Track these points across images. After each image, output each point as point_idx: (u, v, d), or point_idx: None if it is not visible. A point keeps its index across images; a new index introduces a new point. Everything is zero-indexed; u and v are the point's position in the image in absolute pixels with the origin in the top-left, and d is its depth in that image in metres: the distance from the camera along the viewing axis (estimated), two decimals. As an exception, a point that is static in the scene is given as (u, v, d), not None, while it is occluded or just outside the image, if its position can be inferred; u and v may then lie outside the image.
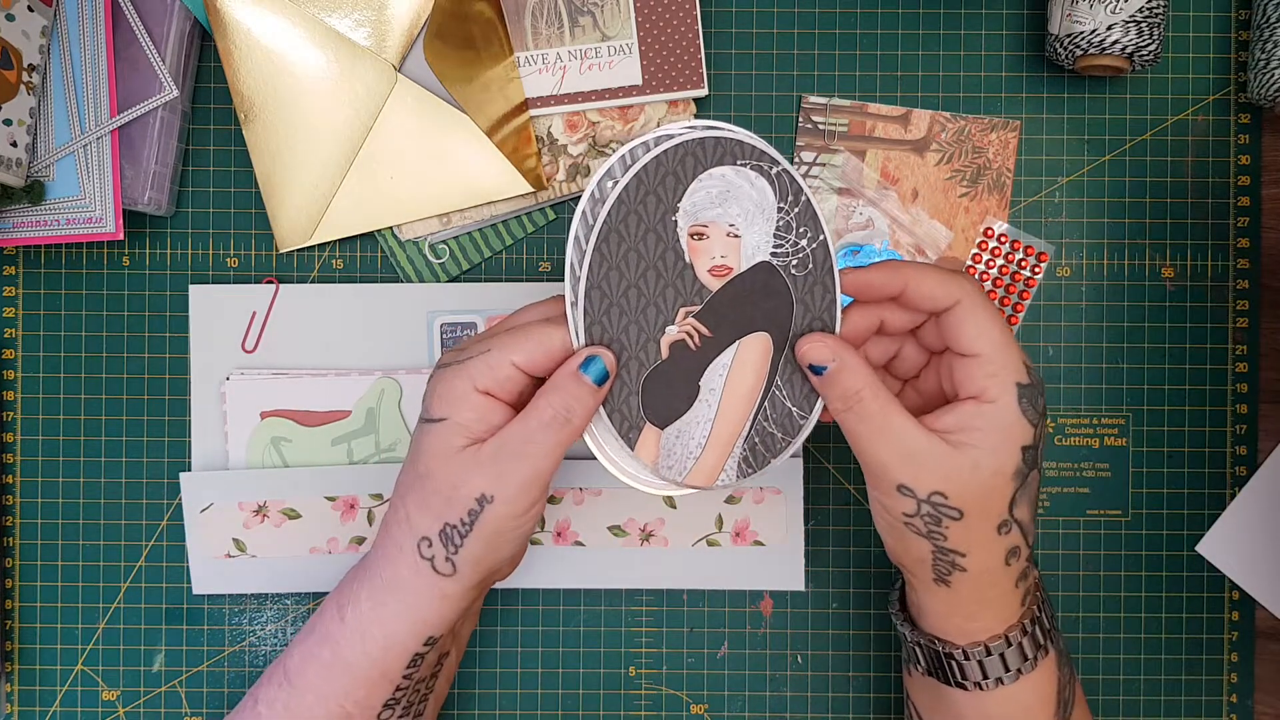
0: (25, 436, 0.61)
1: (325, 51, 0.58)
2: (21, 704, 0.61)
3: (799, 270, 0.46)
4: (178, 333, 0.61)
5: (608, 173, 0.45)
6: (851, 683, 0.61)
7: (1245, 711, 0.60)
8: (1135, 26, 0.55)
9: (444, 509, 0.46)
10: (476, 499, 0.45)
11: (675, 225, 0.45)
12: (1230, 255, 0.60)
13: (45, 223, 0.57)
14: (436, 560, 0.47)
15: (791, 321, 0.46)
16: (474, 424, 0.46)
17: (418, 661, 0.48)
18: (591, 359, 0.45)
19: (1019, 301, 0.60)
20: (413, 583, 0.47)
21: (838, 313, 0.47)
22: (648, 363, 0.46)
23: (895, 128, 0.60)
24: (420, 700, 0.51)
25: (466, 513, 0.46)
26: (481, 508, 0.45)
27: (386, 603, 0.48)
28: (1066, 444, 0.61)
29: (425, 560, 0.47)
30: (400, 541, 0.47)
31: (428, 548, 0.47)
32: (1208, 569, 0.60)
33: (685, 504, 0.59)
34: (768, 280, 0.46)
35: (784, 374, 0.47)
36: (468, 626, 0.56)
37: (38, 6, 0.55)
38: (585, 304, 0.45)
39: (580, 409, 0.45)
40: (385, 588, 0.48)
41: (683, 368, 0.46)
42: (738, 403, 0.46)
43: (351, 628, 0.48)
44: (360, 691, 0.48)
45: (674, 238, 0.45)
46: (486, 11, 0.58)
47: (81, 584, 0.61)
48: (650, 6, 0.58)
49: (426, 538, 0.47)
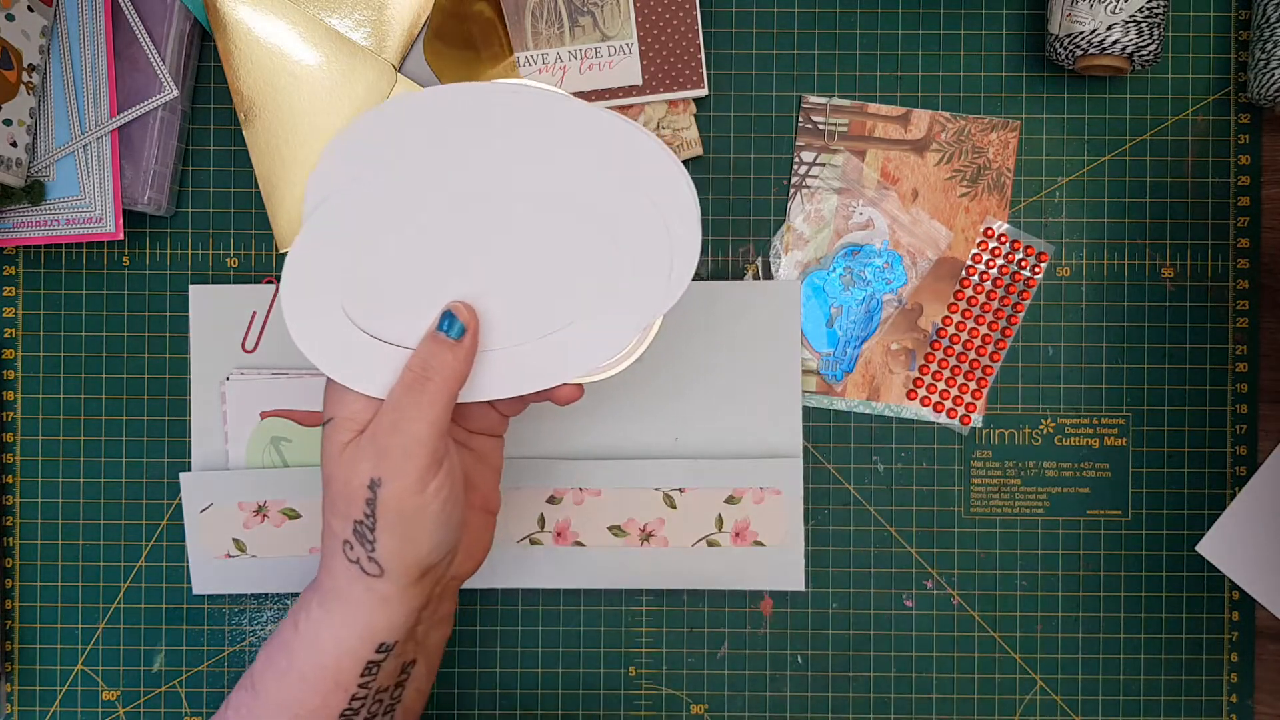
0: (25, 436, 0.61)
1: (325, 51, 0.58)
2: (21, 704, 0.61)
3: None
4: (178, 333, 0.61)
5: None
6: (851, 683, 0.61)
7: (1245, 712, 0.60)
8: (1135, 26, 0.55)
9: (347, 507, 0.45)
10: (368, 486, 0.44)
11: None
12: (1230, 255, 0.60)
13: (45, 223, 0.57)
14: (361, 561, 0.46)
15: None
16: (358, 414, 0.46)
17: (373, 670, 0.47)
18: (448, 316, 0.45)
19: (1019, 301, 0.60)
20: (350, 589, 0.46)
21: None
22: None
23: (895, 128, 0.60)
24: (384, 712, 0.50)
25: (365, 503, 0.45)
26: (375, 494, 0.44)
27: (333, 611, 0.47)
28: (1066, 444, 0.61)
29: (353, 564, 0.46)
30: (331, 550, 0.47)
31: (350, 550, 0.46)
32: (1208, 569, 0.60)
33: (685, 504, 0.59)
34: None
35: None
36: (436, 634, 0.52)
37: (38, 6, 0.55)
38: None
39: (439, 365, 0.45)
40: (330, 596, 0.47)
41: None
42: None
43: (304, 636, 0.47)
44: (314, 701, 0.47)
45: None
46: (486, 11, 0.58)
47: (81, 584, 0.61)
48: (650, 6, 0.58)
49: (346, 540, 0.46)
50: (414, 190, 0.46)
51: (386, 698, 0.49)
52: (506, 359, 0.47)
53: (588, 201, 0.46)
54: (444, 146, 0.46)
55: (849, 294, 0.60)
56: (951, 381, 0.60)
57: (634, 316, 0.47)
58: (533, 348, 0.47)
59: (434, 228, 0.46)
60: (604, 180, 0.46)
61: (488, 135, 0.46)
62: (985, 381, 0.60)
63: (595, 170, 0.46)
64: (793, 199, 0.60)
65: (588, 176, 0.46)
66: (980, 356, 0.60)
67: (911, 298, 0.60)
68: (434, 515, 0.45)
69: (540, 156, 0.46)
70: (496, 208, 0.46)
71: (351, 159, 0.46)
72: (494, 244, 0.47)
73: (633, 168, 0.46)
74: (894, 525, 0.61)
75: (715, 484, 0.59)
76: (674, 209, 0.46)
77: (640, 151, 0.46)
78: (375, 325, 0.47)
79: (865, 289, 0.60)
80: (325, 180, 0.46)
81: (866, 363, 0.60)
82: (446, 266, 0.47)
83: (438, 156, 0.46)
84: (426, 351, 0.45)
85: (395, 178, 0.46)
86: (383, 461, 0.44)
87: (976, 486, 0.61)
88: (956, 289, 0.60)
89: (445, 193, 0.46)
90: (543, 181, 0.46)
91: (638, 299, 0.47)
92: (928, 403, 0.60)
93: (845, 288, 0.60)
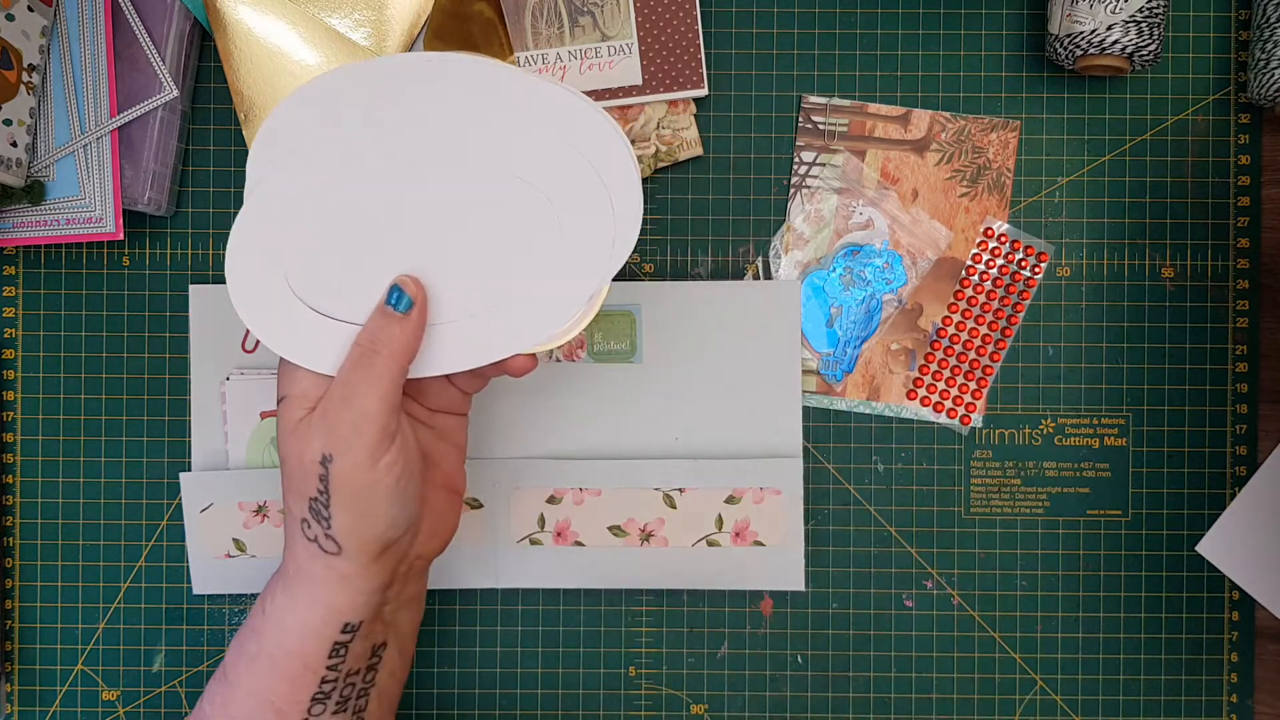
0: (25, 436, 0.61)
1: (325, 51, 0.58)
2: (21, 704, 0.61)
3: None
4: (178, 333, 0.61)
5: None
6: (851, 683, 0.61)
7: (1245, 712, 0.60)
8: (1135, 26, 0.55)
9: (302, 484, 0.45)
10: (319, 462, 0.45)
11: None
12: (1230, 255, 0.60)
13: (45, 223, 0.57)
14: (319, 539, 0.46)
15: None
16: (309, 390, 0.46)
17: (340, 651, 0.47)
18: (395, 290, 0.46)
19: (1019, 301, 0.60)
20: (310, 569, 0.46)
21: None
22: None
23: (895, 128, 0.60)
24: (358, 695, 0.49)
25: (318, 479, 0.45)
26: (327, 470, 0.45)
27: (296, 593, 0.47)
28: (1066, 444, 0.61)
29: (311, 542, 0.46)
30: (292, 531, 0.47)
31: (308, 529, 0.46)
32: (1208, 569, 0.60)
33: (685, 504, 0.59)
34: None
35: None
36: (405, 615, 0.51)
37: (38, 6, 0.55)
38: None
39: (386, 338, 0.45)
40: (293, 579, 0.47)
41: None
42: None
43: (271, 620, 0.47)
44: (284, 686, 0.47)
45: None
46: (486, 11, 0.58)
47: (81, 584, 0.61)
48: (650, 6, 0.58)
49: (304, 519, 0.46)
50: (354, 163, 0.46)
51: (359, 680, 0.49)
52: (456, 332, 0.47)
53: (530, 171, 0.46)
54: (383, 118, 0.46)
55: (849, 294, 0.60)
56: (951, 381, 0.60)
57: (581, 284, 0.47)
58: (482, 320, 0.47)
59: (376, 201, 0.47)
60: (545, 149, 0.46)
61: (428, 107, 0.46)
62: (985, 381, 0.60)
63: (536, 140, 0.46)
64: (793, 199, 0.60)
65: (529, 146, 0.46)
66: (980, 356, 0.60)
67: (911, 298, 0.60)
68: (388, 490, 0.45)
69: (481, 127, 0.46)
70: (439, 180, 0.46)
71: (289, 134, 0.46)
72: (438, 216, 0.47)
73: (572, 136, 0.46)
74: (894, 525, 0.61)
75: (715, 484, 0.59)
76: (616, 177, 0.47)
77: (580, 120, 0.46)
78: (323, 302, 0.47)
79: (865, 289, 0.60)
80: (263, 157, 0.46)
81: (866, 363, 0.60)
82: (391, 240, 0.47)
83: (377, 129, 0.46)
84: (374, 326, 0.45)
85: (335, 152, 0.46)
86: (333, 438, 0.44)
87: (976, 486, 0.61)
88: (956, 289, 0.60)
89: (387, 165, 0.46)
90: (484, 152, 0.46)
91: (583, 266, 0.47)
92: (928, 403, 0.60)
93: (845, 288, 0.60)
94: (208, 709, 0.49)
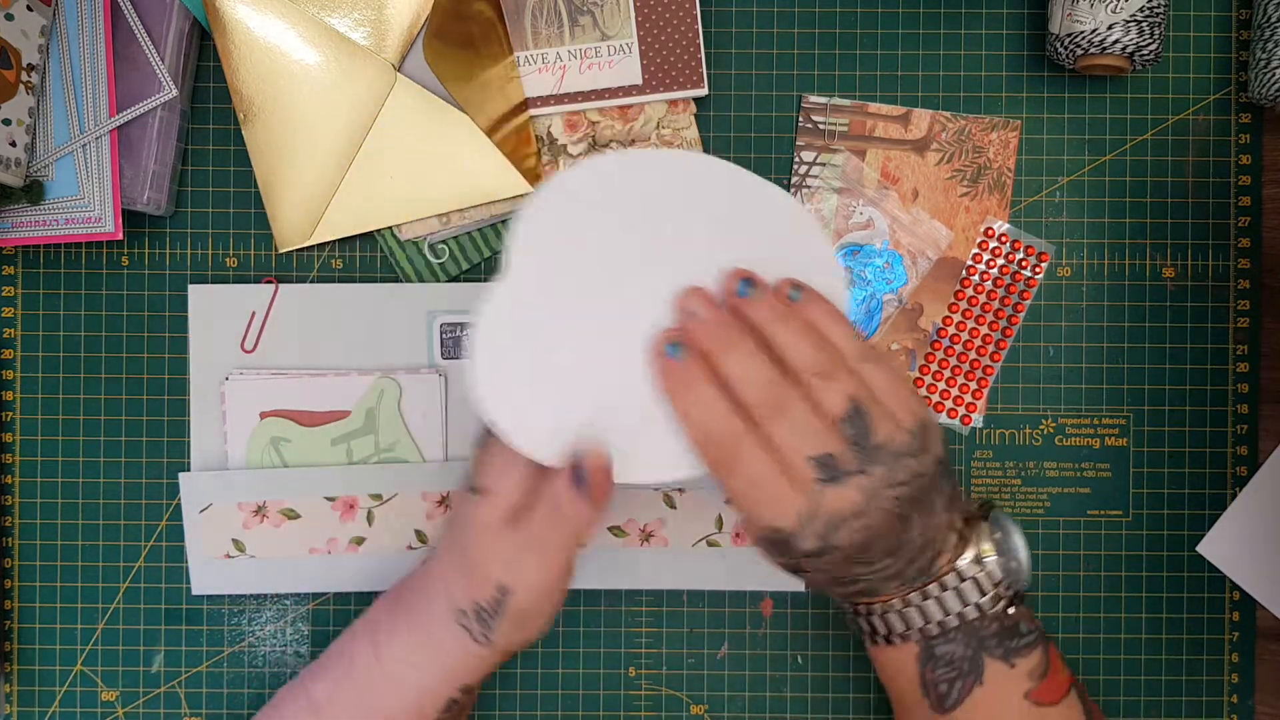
0: (25, 436, 0.61)
1: (325, 51, 0.58)
2: (21, 704, 0.61)
3: None
4: (177, 333, 0.61)
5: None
6: (851, 683, 0.61)
7: (1246, 712, 0.60)
8: (1136, 26, 0.55)
9: (475, 589, 0.48)
10: (497, 588, 0.47)
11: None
12: (1231, 255, 0.60)
13: (44, 223, 0.57)
14: (473, 632, 0.48)
15: None
16: (513, 493, 0.47)
17: (453, 706, 0.50)
18: (578, 471, 0.45)
19: (1019, 301, 0.60)
20: (449, 645, 0.49)
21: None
22: None
23: (895, 127, 0.60)
24: None
25: (491, 598, 0.47)
26: (504, 599, 0.47)
27: (423, 656, 0.49)
28: (1067, 444, 0.61)
29: (463, 629, 0.48)
30: (440, 605, 0.49)
31: (464, 618, 0.48)
32: (1208, 569, 0.60)
33: (685, 504, 0.59)
34: None
35: None
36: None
37: (37, 6, 0.55)
38: None
39: (572, 511, 0.46)
40: (424, 645, 0.49)
41: None
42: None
43: (388, 671, 0.49)
44: None
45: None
46: (486, 11, 0.58)
47: (81, 584, 0.61)
48: (650, 6, 0.58)
49: (463, 610, 0.48)
50: (590, 257, 0.46)
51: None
52: (659, 436, 0.46)
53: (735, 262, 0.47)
54: (633, 220, 0.46)
55: (849, 294, 0.60)
56: (952, 381, 0.60)
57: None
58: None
59: (607, 297, 0.46)
60: (751, 248, 0.47)
61: (680, 210, 0.46)
62: (986, 381, 0.60)
63: (758, 251, 0.47)
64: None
65: (740, 244, 0.47)
66: (980, 356, 0.60)
67: (912, 298, 0.60)
68: (550, 615, 0.49)
69: (705, 223, 0.47)
70: (660, 275, 0.46)
71: (541, 225, 0.46)
72: (657, 311, 0.46)
73: (789, 249, 0.47)
74: (894, 525, 0.61)
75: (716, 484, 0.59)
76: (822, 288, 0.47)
77: (800, 232, 0.47)
78: (551, 393, 0.46)
79: (865, 289, 0.60)
80: (517, 245, 0.46)
81: (867, 363, 0.60)
82: (615, 337, 0.46)
83: (614, 224, 0.47)
84: (564, 497, 0.46)
85: (574, 245, 0.46)
86: (516, 576, 0.47)
87: (977, 486, 0.61)
88: (957, 289, 0.60)
89: (618, 259, 0.47)
90: (701, 249, 0.47)
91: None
92: (928, 402, 0.60)
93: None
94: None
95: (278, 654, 0.61)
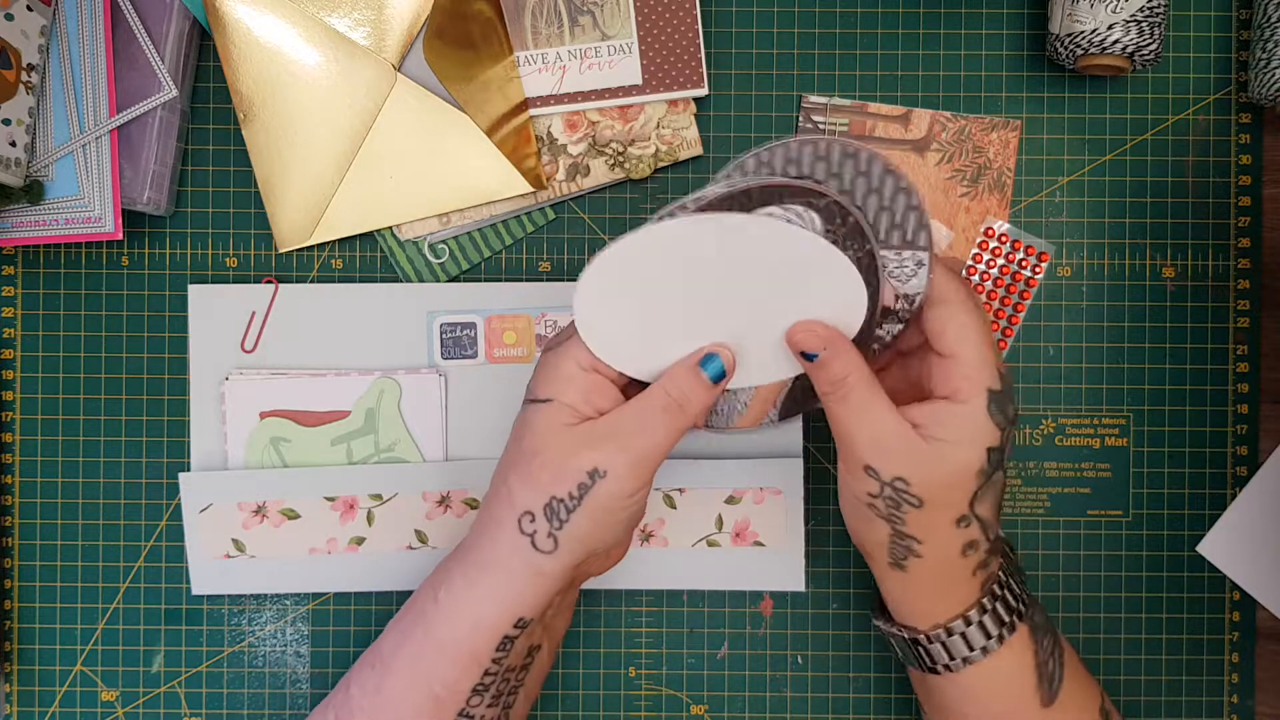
0: (25, 436, 0.61)
1: (325, 51, 0.58)
2: (21, 704, 0.61)
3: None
4: (177, 333, 0.61)
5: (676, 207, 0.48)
6: (851, 683, 0.61)
7: (1246, 712, 0.60)
8: (1136, 26, 0.55)
9: (552, 483, 0.47)
10: (589, 472, 0.46)
11: None
12: (1231, 255, 0.60)
13: (44, 223, 0.57)
14: (538, 536, 0.47)
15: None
16: (580, 403, 0.47)
17: (507, 645, 0.49)
18: (710, 356, 0.48)
19: (1019, 301, 0.60)
20: (509, 561, 0.48)
21: (872, 307, 0.49)
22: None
23: (895, 127, 0.60)
24: (510, 692, 0.51)
25: (576, 486, 0.47)
26: (593, 481, 0.46)
27: (480, 581, 0.48)
28: (1067, 444, 0.61)
29: (526, 536, 0.47)
30: (500, 518, 0.48)
31: (530, 523, 0.47)
32: (1208, 569, 0.60)
33: (685, 504, 0.59)
34: None
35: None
36: (561, 620, 0.54)
37: (37, 6, 0.55)
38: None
39: (695, 399, 0.47)
40: (480, 566, 0.48)
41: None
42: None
43: (445, 607, 0.48)
44: (450, 673, 0.48)
45: None
46: (486, 11, 0.58)
47: (81, 584, 0.61)
48: (650, 6, 0.58)
49: (529, 512, 0.47)
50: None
51: (514, 678, 0.51)
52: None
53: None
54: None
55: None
56: (952, 381, 0.60)
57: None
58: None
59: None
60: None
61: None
62: (985, 381, 0.60)
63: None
64: (793, 199, 0.60)
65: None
66: (980, 356, 0.60)
67: (912, 298, 0.60)
68: (629, 516, 0.48)
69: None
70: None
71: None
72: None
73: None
74: (894, 525, 0.61)
75: (715, 484, 0.59)
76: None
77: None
78: (650, 332, 0.49)
79: (865, 289, 0.60)
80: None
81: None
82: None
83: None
84: (687, 385, 0.48)
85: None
86: (614, 458, 0.46)
87: (977, 486, 0.61)
88: (957, 289, 0.60)
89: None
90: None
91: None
92: (928, 403, 0.60)
93: (845, 288, 0.60)
94: (355, 692, 0.50)
95: (278, 654, 0.61)
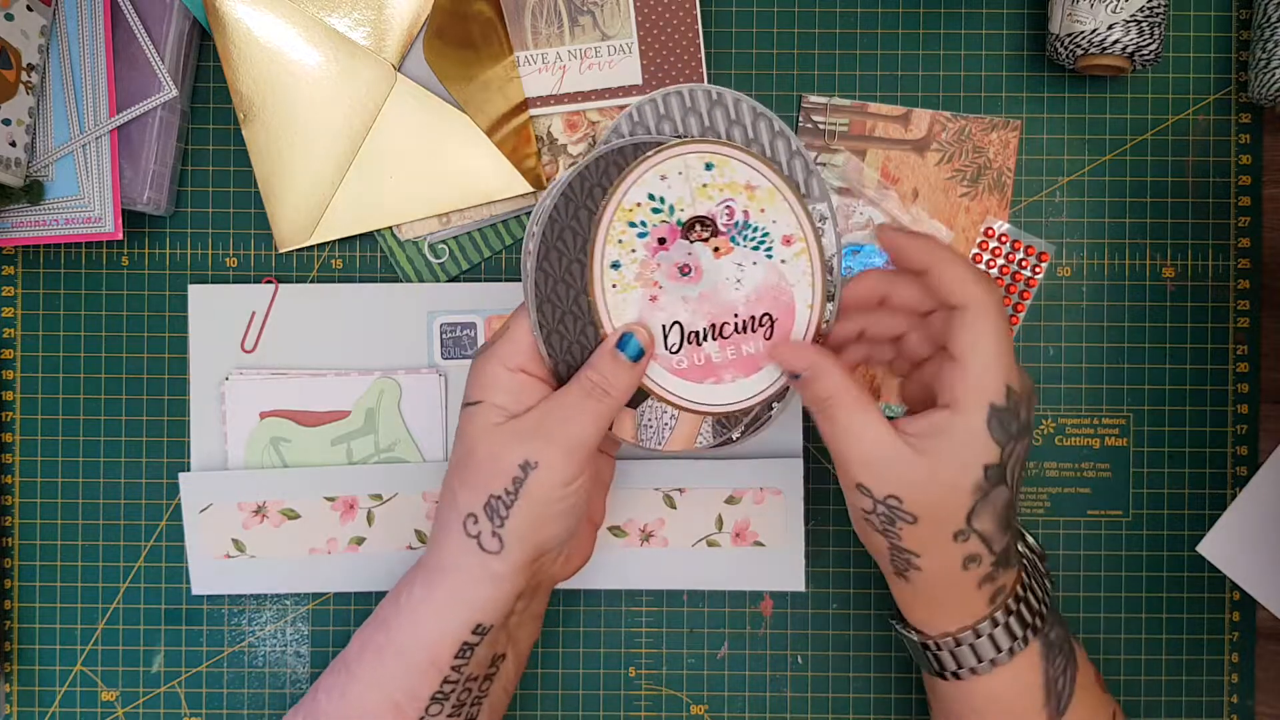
0: (25, 436, 0.61)
1: (324, 51, 0.58)
2: (21, 704, 0.61)
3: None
4: (177, 333, 0.61)
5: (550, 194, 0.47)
6: (851, 683, 0.61)
7: (1246, 712, 0.60)
8: (1136, 26, 0.55)
9: (488, 481, 0.47)
10: (520, 465, 0.46)
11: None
12: (1231, 255, 0.60)
13: (44, 223, 0.57)
14: (483, 536, 0.47)
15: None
16: (509, 403, 0.47)
17: (466, 653, 0.48)
18: (627, 337, 0.47)
19: (1019, 301, 0.60)
20: (460, 562, 0.48)
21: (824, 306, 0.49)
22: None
23: (895, 127, 0.60)
24: (472, 703, 0.51)
25: (511, 481, 0.46)
26: (525, 474, 0.46)
27: (437, 586, 0.48)
28: (1067, 444, 0.61)
29: (471, 538, 0.47)
30: (448, 522, 0.48)
31: (473, 524, 0.47)
32: (1208, 569, 0.60)
33: (685, 504, 0.59)
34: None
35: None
36: (526, 631, 0.54)
37: (37, 6, 0.55)
38: (539, 318, 0.48)
39: (617, 382, 0.47)
40: (436, 573, 0.48)
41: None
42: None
43: (405, 613, 0.48)
44: (409, 680, 0.48)
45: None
46: (486, 11, 0.58)
47: (81, 584, 0.61)
48: (650, 6, 0.58)
49: (471, 514, 0.47)
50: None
51: (475, 688, 0.50)
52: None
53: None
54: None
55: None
56: (952, 381, 0.60)
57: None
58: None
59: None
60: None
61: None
62: (985, 381, 0.60)
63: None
64: (793, 199, 0.60)
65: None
66: (980, 356, 0.60)
67: (912, 298, 0.60)
68: (569, 508, 0.48)
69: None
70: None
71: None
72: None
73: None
74: (894, 525, 0.61)
75: (715, 484, 0.59)
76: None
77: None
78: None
79: (865, 289, 0.60)
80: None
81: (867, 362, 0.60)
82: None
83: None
84: (607, 367, 0.47)
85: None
86: (543, 449, 0.46)
87: (977, 486, 0.61)
88: (957, 289, 0.60)
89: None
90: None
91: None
92: (928, 403, 0.60)
93: (845, 288, 0.60)
94: (323, 698, 0.50)
95: (278, 654, 0.61)
